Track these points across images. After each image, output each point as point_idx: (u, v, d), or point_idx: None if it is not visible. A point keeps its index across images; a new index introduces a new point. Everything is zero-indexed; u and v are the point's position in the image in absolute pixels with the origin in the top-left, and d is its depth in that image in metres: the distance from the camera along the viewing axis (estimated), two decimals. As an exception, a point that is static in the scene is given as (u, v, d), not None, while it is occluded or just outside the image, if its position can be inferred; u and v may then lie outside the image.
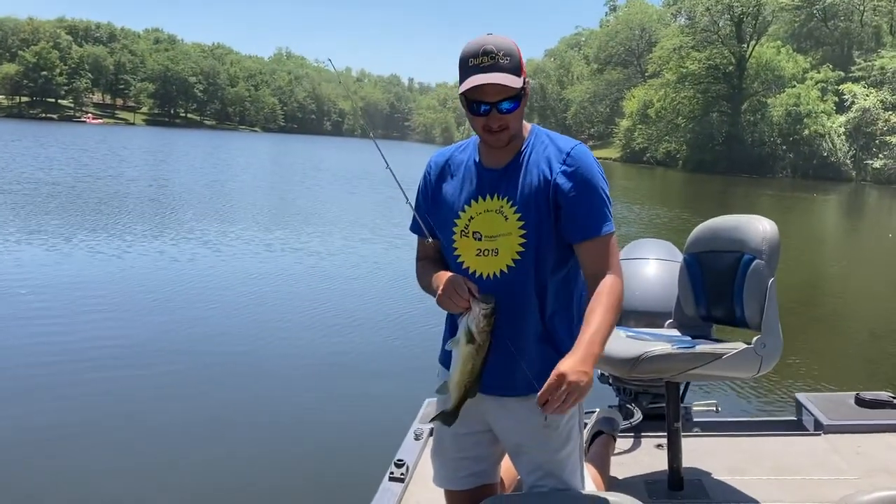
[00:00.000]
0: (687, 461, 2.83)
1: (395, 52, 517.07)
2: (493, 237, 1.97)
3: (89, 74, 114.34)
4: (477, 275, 1.99)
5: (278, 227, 14.96)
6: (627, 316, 3.32)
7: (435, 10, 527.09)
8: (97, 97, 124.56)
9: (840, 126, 51.91)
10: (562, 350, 1.88)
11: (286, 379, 5.99)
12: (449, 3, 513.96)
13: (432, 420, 2.07)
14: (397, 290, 9.21)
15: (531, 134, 2.02)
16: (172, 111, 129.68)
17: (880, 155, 49.85)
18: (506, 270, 1.96)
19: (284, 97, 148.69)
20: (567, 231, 1.94)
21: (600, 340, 1.82)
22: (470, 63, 1.89)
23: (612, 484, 2.76)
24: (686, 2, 62.78)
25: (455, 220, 2.03)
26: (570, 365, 1.75)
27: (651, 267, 3.46)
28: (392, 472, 2.72)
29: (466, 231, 2.01)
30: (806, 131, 52.28)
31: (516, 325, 1.97)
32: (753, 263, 2.62)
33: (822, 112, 52.52)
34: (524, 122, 2.02)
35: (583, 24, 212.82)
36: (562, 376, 1.73)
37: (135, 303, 8.20)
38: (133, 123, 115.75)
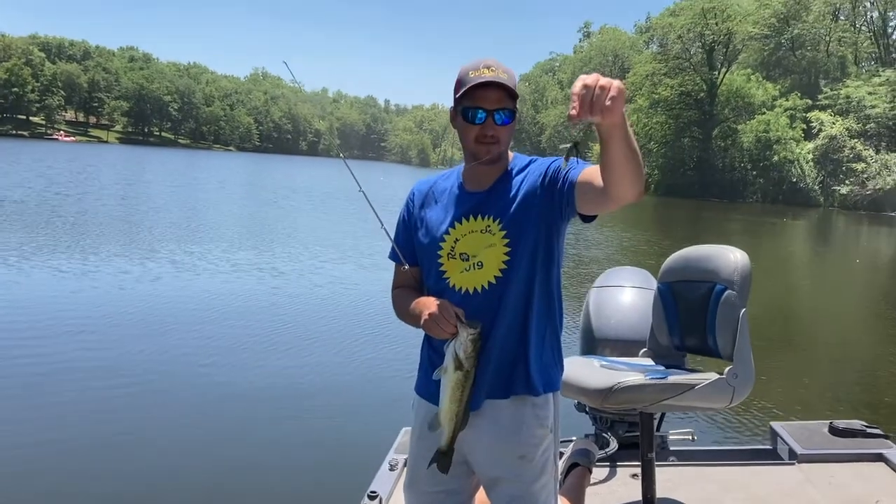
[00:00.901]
0: (661, 491, 2.82)
1: (372, 74, 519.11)
2: (478, 255, 1.99)
3: (62, 92, 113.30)
4: (463, 291, 2.00)
5: (250, 248, 14.86)
6: (603, 344, 3.35)
7: (412, 34, 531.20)
8: (70, 115, 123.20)
9: (808, 153, 52.85)
10: (533, 363, 1.95)
11: (256, 407, 5.83)
12: (426, 28, 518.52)
13: (429, 466, 2.02)
14: (372, 317, 9.08)
15: (514, 159, 2.06)
16: (147, 129, 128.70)
17: (847, 181, 50.79)
18: (493, 282, 1.98)
19: (260, 117, 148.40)
20: (556, 184, 1.91)
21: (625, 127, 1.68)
22: (470, 75, 1.96)
23: None
24: (658, 29, 63.88)
25: (441, 244, 2.04)
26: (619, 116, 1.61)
27: (627, 295, 3.45)
28: None
29: (453, 253, 2.02)
30: (775, 157, 53.14)
31: (499, 338, 1.98)
32: (725, 294, 2.63)
33: (791, 139, 53.45)
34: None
35: (557, 49, 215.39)
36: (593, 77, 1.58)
37: (95, 323, 8.05)
38: (106, 141, 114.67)
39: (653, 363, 2.91)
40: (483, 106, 1.94)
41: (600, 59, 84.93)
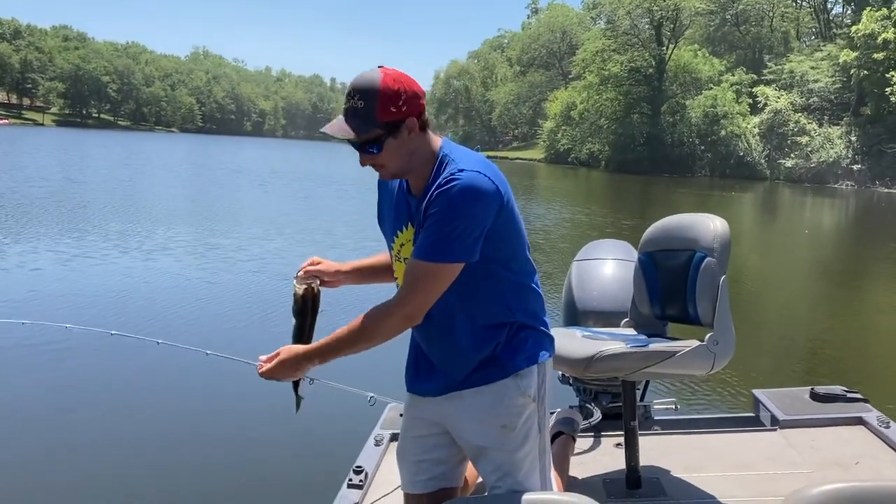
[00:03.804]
0: (645, 459, 2.86)
1: (316, 51, 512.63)
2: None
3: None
4: None
5: (205, 231, 14.44)
6: (585, 315, 3.34)
7: (357, 8, 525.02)
8: (2, 96, 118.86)
9: (755, 127, 53.94)
10: (499, 351, 2.03)
11: (239, 382, 5.73)
12: (370, 2, 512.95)
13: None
14: (355, 293, 8.79)
15: (438, 160, 1.97)
16: (84, 111, 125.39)
17: (791, 155, 52.03)
18: None
19: (202, 97, 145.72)
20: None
21: (323, 351, 1.97)
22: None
23: (571, 484, 2.77)
24: (607, 5, 64.03)
25: (391, 245, 2.13)
26: (286, 353, 1.99)
27: (608, 267, 3.47)
28: (351, 479, 2.70)
29: (399, 256, 2.09)
30: (723, 132, 54.09)
31: (446, 339, 2.05)
32: (705, 261, 2.66)
33: (738, 113, 54.45)
34: (434, 146, 1.98)
35: (505, 26, 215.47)
36: (275, 356, 2.00)
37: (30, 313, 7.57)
38: (42, 124, 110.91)
39: (634, 333, 2.94)
40: (351, 140, 1.92)
41: (549, 35, 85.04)
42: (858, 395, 3.46)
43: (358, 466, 2.75)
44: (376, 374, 5.80)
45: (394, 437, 2.99)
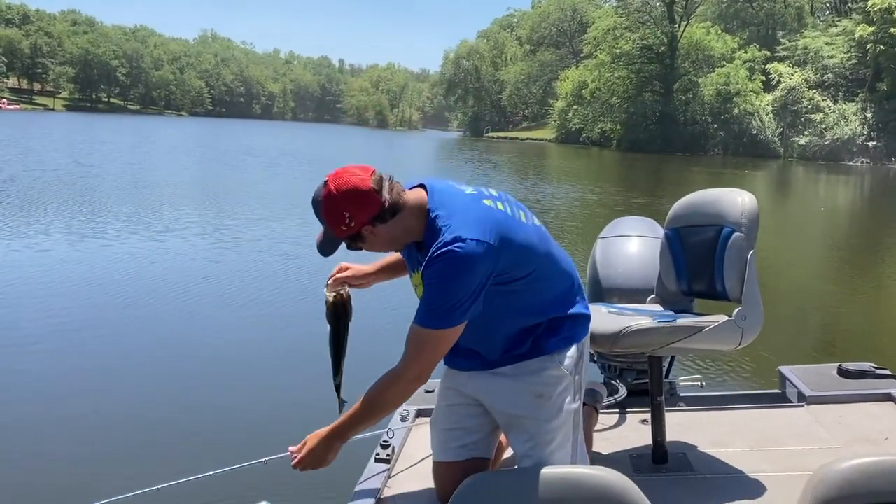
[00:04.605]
0: (671, 435, 2.85)
1: (325, 32, 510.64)
2: None
3: (3, 58, 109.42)
4: None
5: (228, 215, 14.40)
6: (610, 292, 3.32)
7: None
8: (13, 82, 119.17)
9: (768, 104, 53.40)
10: (542, 343, 2.09)
11: (270, 360, 5.95)
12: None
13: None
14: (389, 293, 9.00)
15: (428, 222, 1.99)
16: (94, 96, 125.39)
17: (805, 132, 51.53)
18: None
19: (211, 80, 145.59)
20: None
21: (343, 430, 2.08)
22: None
23: (597, 459, 2.74)
24: (618, -18, 63.30)
25: (412, 282, 2.17)
26: (312, 440, 2.10)
27: (632, 244, 3.45)
28: (378, 454, 2.72)
29: (416, 291, 2.12)
30: (736, 110, 53.62)
31: (482, 344, 2.12)
32: (733, 236, 2.65)
33: (751, 91, 53.93)
34: (420, 193, 2.02)
35: (515, 4, 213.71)
36: (303, 445, 2.11)
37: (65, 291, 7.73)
38: (53, 109, 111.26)
39: (661, 309, 2.93)
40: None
41: (559, 13, 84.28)
42: (887, 372, 3.43)
43: (385, 441, 2.78)
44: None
45: (419, 413, 3.02)
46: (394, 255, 2.37)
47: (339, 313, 2.26)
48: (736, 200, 2.72)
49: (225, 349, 6.24)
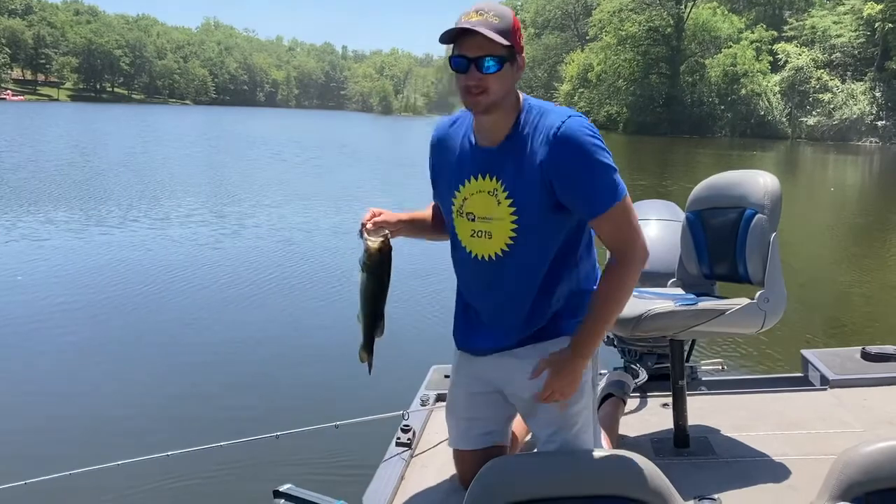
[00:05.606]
0: (693, 419, 2.83)
1: (327, 19, 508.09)
2: (485, 219, 1.99)
3: (7, 49, 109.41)
4: (473, 255, 2.05)
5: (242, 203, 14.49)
6: None
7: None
8: (16, 73, 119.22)
9: (775, 85, 53.09)
10: (562, 313, 2.04)
11: (292, 347, 6.04)
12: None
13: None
14: (404, 261, 8.96)
15: (524, 109, 1.96)
16: (98, 86, 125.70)
17: (813, 112, 51.22)
18: (500, 254, 2.00)
19: (215, 68, 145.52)
20: (576, 210, 1.94)
21: (588, 342, 1.99)
22: (461, 20, 1.87)
23: (619, 443, 2.77)
24: (623, -36, 62.75)
25: (452, 200, 2.06)
26: (558, 364, 1.98)
27: (653, 227, 3.41)
28: (399, 438, 2.73)
29: (462, 211, 2.04)
30: (743, 91, 53.33)
31: (511, 302, 2.03)
32: (755, 218, 2.62)
33: (758, 72, 53.60)
34: (519, 94, 1.97)
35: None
36: (549, 384, 1.98)
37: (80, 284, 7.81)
38: (57, 99, 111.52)
39: (682, 292, 2.91)
40: (466, 54, 1.87)
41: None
42: None
43: (406, 425, 2.79)
44: (420, 338, 5.97)
45: (439, 398, 3.01)
46: (422, 212, 2.31)
47: (385, 260, 2.05)
48: (758, 182, 2.69)
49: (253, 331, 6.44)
